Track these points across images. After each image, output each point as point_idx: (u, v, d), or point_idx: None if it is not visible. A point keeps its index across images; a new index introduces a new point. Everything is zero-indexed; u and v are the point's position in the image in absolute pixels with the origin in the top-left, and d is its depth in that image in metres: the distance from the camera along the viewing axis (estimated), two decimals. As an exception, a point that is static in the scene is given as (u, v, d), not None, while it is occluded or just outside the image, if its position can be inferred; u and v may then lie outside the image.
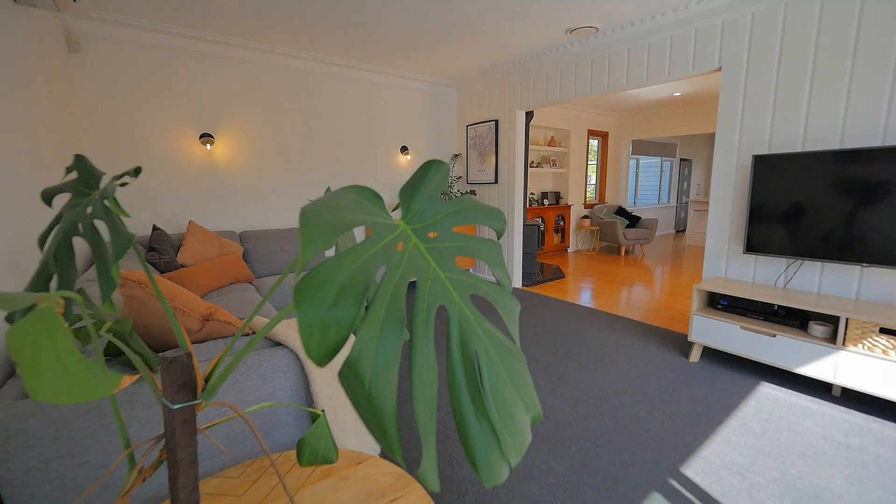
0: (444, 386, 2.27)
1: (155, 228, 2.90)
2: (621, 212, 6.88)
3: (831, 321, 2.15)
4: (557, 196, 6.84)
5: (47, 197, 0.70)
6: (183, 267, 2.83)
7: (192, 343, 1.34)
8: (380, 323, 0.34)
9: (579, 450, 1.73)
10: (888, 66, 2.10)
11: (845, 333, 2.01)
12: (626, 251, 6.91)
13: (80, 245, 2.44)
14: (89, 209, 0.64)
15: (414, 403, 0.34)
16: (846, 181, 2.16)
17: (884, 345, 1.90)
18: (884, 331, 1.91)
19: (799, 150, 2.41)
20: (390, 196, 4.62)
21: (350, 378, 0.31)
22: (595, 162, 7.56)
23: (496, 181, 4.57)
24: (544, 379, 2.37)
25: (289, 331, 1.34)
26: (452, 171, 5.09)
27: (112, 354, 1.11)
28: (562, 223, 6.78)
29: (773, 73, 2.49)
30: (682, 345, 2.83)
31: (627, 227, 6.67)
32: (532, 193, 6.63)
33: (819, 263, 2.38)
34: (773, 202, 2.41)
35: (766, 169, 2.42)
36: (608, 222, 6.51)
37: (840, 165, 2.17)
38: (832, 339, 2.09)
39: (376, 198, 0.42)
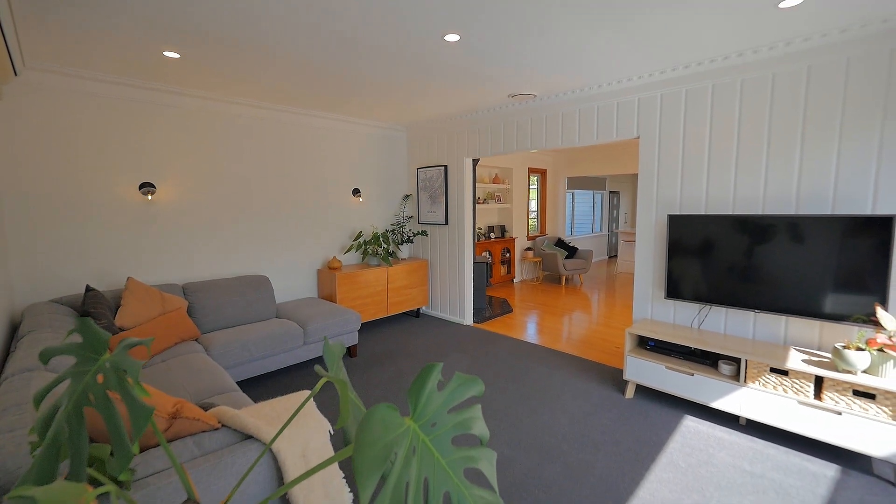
0: None
1: (88, 289, 2.70)
2: (560, 243, 7.40)
3: (735, 361, 2.53)
4: (503, 229, 7.22)
5: (45, 358, 0.73)
6: (122, 330, 2.66)
7: (158, 444, 1.32)
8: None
9: (535, 502, 1.88)
10: (761, 149, 2.59)
11: (745, 372, 2.39)
12: (567, 280, 7.42)
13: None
14: (99, 377, 0.69)
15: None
16: (738, 241, 2.60)
17: (773, 382, 2.30)
18: (773, 370, 2.30)
19: (703, 212, 2.85)
20: (342, 237, 4.64)
21: None
22: (535, 187, 8.09)
23: (446, 223, 4.78)
24: (502, 427, 2.52)
25: (261, 423, 1.37)
26: (404, 212, 5.23)
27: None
28: (508, 255, 7.14)
29: (680, 146, 2.94)
30: (618, 381, 3.14)
31: (567, 257, 7.18)
32: (480, 228, 6.94)
33: (724, 309, 2.80)
34: (686, 256, 2.82)
35: (679, 227, 2.83)
36: (549, 254, 6.98)
37: (733, 228, 2.61)
38: (736, 376, 2.47)
39: (392, 409, 0.54)
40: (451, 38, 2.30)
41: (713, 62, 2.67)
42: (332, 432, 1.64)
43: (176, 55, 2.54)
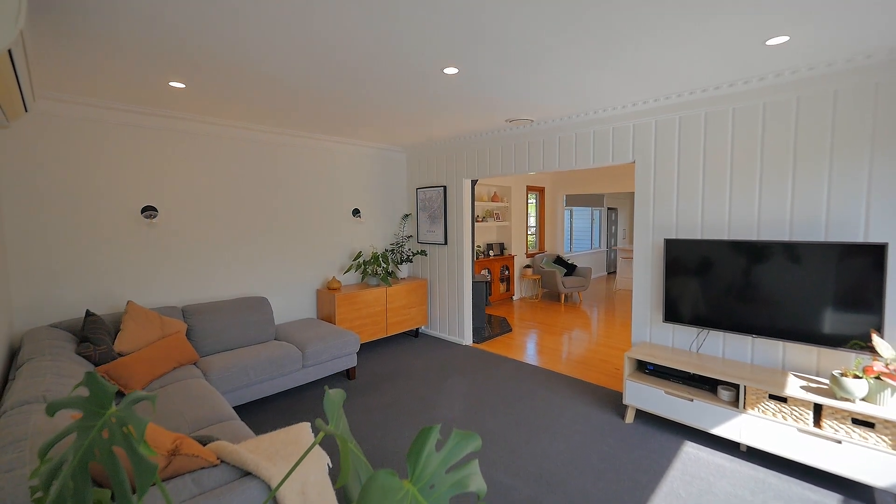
0: None
1: (88, 314, 2.71)
2: (559, 261, 7.42)
3: (734, 386, 2.53)
4: (502, 247, 7.26)
5: (52, 410, 0.74)
6: (121, 356, 2.66)
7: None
8: None
9: (535, 534, 1.87)
10: (754, 176, 2.64)
11: (745, 399, 2.39)
12: (566, 297, 7.42)
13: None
14: (105, 433, 0.70)
15: None
16: (734, 266, 2.63)
17: (773, 409, 2.29)
18: (772, 397, 2.30)
19: (699, 237, 2.88)
20: (342, 257, 4.67)
21: None
22: (534, 202, 8.14)
23: (446, 242, 4.81)
24: (500, 453, 2.50)
25: (260, 458, 1.37)
26: (403, 231, 5.27)
27: None
28: (507, 273, 7.16)
29: (675, 171, 2.99)
30: (618, 405, 3.12)
31: (566, 275, 7.20)
32: (479, 246, 6.98)
33: (722, 333, 2.81)
34: (683, 279, 2.84)
35: (675, 250, 2.86)
36: (548, 271, 7.00)
37: (729, 253, 2.64)
38: (736, 402, 2.47)
39: (391, 475, 0.56)
40: (450, 70, 2.37)
41: (705, 91, 2.74)
42: (331, 466, 1.64)
43: (181, 85, 2.60)
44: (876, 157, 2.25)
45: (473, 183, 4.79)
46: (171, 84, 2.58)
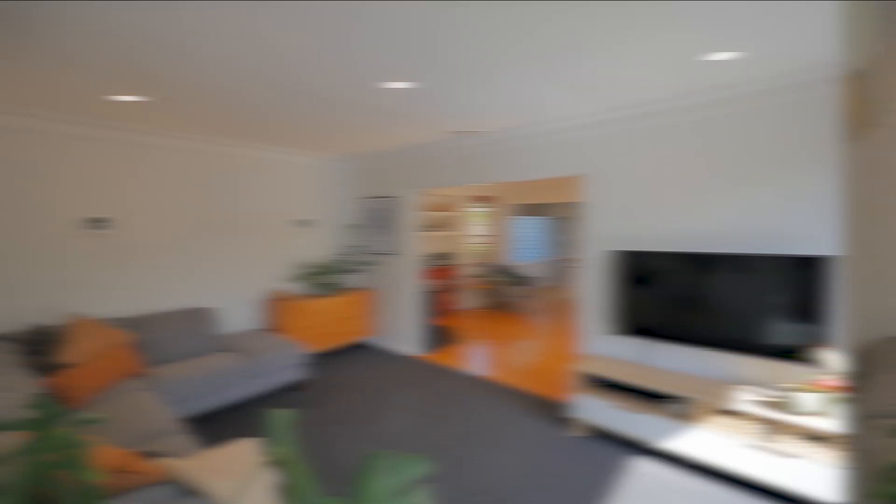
0: None
1: (34, 325, 2.58)
2: (508, 270, 7.46)
3: (684, 400, 2.44)
4: (449, 257, 7.14)
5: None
6: (66, 367, 2.52)
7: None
8: None
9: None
10: (701, 188, 2.70)
11: (695, 412, 2.39)
12: (515, 307, 7.39)
13: None
14: (50, 456, 0.69)
15: None
16: (682, 278, 2.67)
17: (723, 423, 2.30)
18: (722, 411, 2.36)
19: (647, 248, 2.92)
20: (289, 267, 4.61)
21: None
22: (482, 210, 8.13)
23: (393, 252, 4.78)
24: (449, 468, 2.46)
25: (205, 476, 1.34)
26: (351, 241, 5.21)
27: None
28: (455, 283, 7.07)
29: (622, 183, 3.03)
30: (566, 418, 3.07)
31: (514, 284, 7.23)
32: (426, 256, 6.86)
33: (671, 345, 2.84)
34: (632, 291, 2.88)
35: (623, 262, 2.91)
36: (496, 281, 7.02)
37: (676, 264, 2.69)
38: (686, 416, 2.43)
39: None
40: (401, 84, 2.43)
41: (651, 105, 2.78)
42: (277, 483, 1.62)
43: (130, 98, 2.57)
44: (818, 171, 2.31)
45: (421, 193, 4.74)
46: (118, 98, 2.55)
